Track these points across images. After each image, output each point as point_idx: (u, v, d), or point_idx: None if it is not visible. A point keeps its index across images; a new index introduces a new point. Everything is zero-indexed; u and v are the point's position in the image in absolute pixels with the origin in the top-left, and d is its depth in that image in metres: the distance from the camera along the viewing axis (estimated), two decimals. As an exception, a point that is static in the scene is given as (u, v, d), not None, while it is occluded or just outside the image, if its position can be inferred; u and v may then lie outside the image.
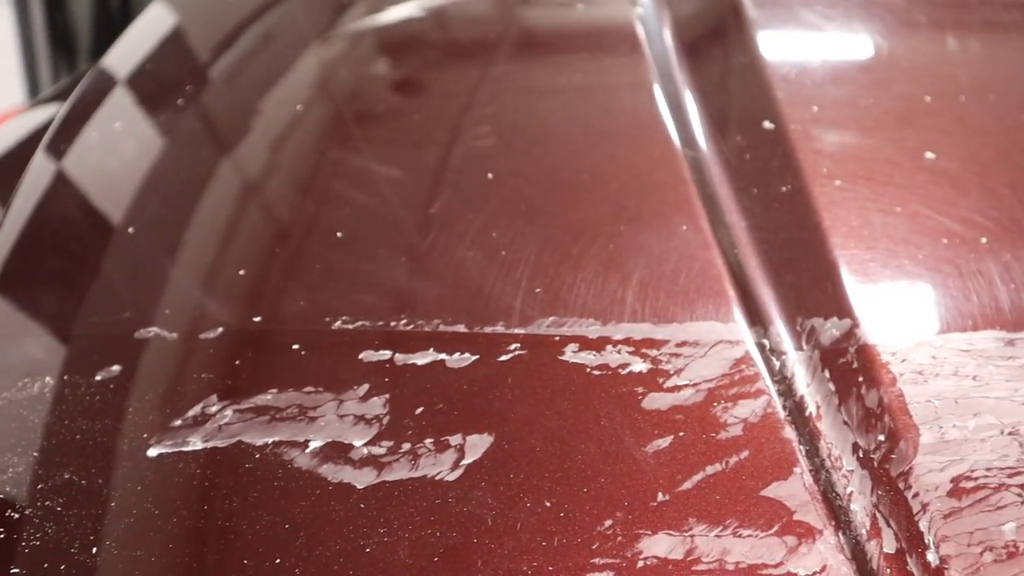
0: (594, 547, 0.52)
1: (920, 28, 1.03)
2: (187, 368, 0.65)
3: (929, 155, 0.79)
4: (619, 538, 0.52)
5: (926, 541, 0.52)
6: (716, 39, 1.03)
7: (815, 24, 1.02)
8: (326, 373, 0.63)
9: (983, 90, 0.89)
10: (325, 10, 1.23)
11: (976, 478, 0.54)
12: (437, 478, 0.56)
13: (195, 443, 0.59)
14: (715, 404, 0.59)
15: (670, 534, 0.52)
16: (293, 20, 1.22)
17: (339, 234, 0.76)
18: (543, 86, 0.97)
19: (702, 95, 0.90)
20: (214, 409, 0.61)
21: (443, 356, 0.63)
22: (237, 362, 0.65)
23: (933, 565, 0.51)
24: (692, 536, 0.52)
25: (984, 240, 0.70)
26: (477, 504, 0.54)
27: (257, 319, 0.68)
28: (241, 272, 0.73)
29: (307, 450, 0.58)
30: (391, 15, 1.17)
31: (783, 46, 0.99)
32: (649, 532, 0.52)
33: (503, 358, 0.63)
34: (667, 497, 0.54)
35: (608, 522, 0.53)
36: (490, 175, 0.80)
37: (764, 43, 0.97)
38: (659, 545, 0.52)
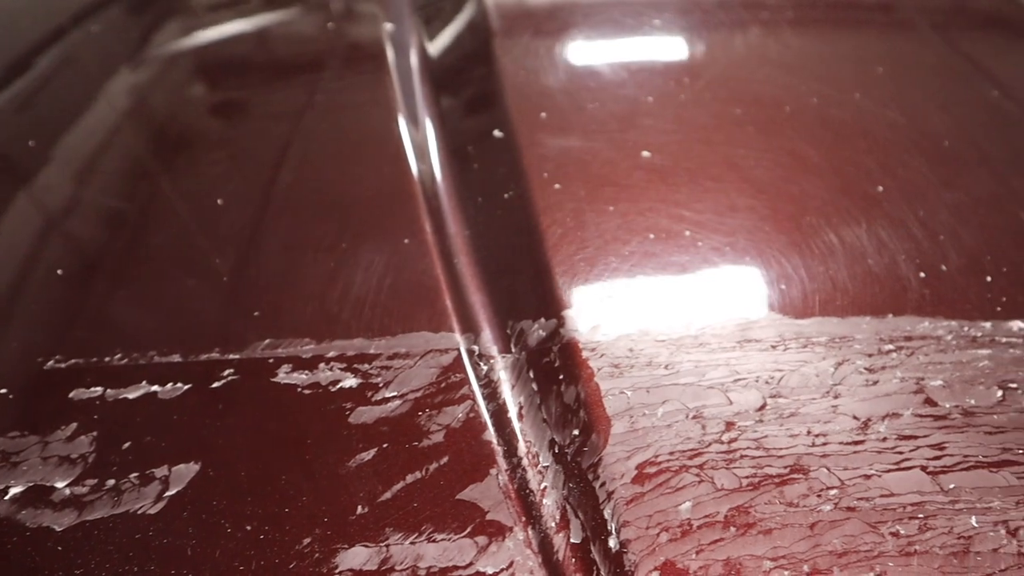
0: (291, 567, 0.52)
1: (651, 32, 1.07)
2: None
3: (645, 154, 0.83)
4: (316, 555, 0.53)
5: (609, 528, 0.54)
6: (461, 52, 1.05)
7: (553, 33, 1.05)
8: (33, 415, 0.62)
9: (702, 88, 0.94)
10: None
11: (659, 463, 0.57)
12: (139, 512, 0.56)
13: None
14: (420, 413, 0.60)
15: (367, 546, 0.53)
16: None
17: (59, 271, 0.74)
18: (283, 107, 0.97)
19: (441, 108, 0.91)
20: (-92, 465, 0.59)
21: (155, 388, 0.63)
22: (-62, 413, 0.63)
23: (614, 550, 0.53)
24: (388, 546, 0.53)
25: (688, 233, 0.74)
26: (178, 535, 0.54)
27: (-36, 366, 0.66)
28: (-48, 318, 0.71)
29: (6, 497, 0.57)
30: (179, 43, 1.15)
31: (520, 56, 1.01)
32: (346, 546, 0.53)
33: (216, 385, 0.63)
34: (366, 509, 0.55)
35: (307, 540, 0.53)
36: (220, 200, 0.80)
37: (503, 54, 0.99)
38: (355, 558, 0.53)
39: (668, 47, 1.03)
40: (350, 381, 0.62)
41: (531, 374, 0.62)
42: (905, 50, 1.04)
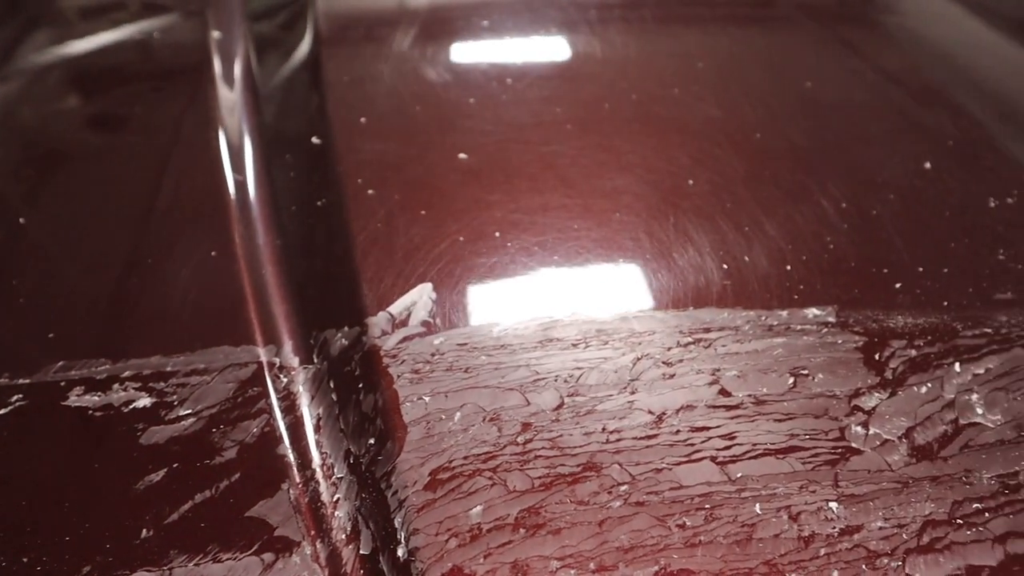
0: (67, 598, 0.50)
1: (479, 34, 1.07)
2: None
3: (463, 156, 0.83)
4: (96, 584, 0.51)
5: (399, 537, 0.53)
6: (287, 60, 1.03)
7: (381, 38, 1.04)
8: None
9: (525, 88, 0.94)
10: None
11: (453, 468, 0.57)
12: (-91, 552, 0.53)
13: None
14: (214, 430, 0.59)
15: (149, 570, 0.52)
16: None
17: None
18: (101, 120, 0.95)
19: (262, 117, 0.90)
20: None
21: (-63, 419, 0.60)
22: None
23: (402, 559, 0.52)
24: (171, 569, 0.52)
25: (497, 234, 0.74)
26: (-55, 575, 0.52)
27: None
28: None
29: None
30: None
31: (346, 62, 1.00)
32: (127, 572, 0.52)
33: (2, 412, 0.60)
34: (151, 533, 0.53)
35: (87, 568, 0.52)
36: (22, 220, 0.77)
37: (328, 60, 0.98)
38: (136, 584, 0.51)
39: (494, 48, 1.04)
40: (144, 401, 0.61)
41: (331, 384, 0.61)
42: (726, 45, 1.06)
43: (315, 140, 0.84)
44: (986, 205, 0.79)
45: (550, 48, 1.03)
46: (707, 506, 0.55)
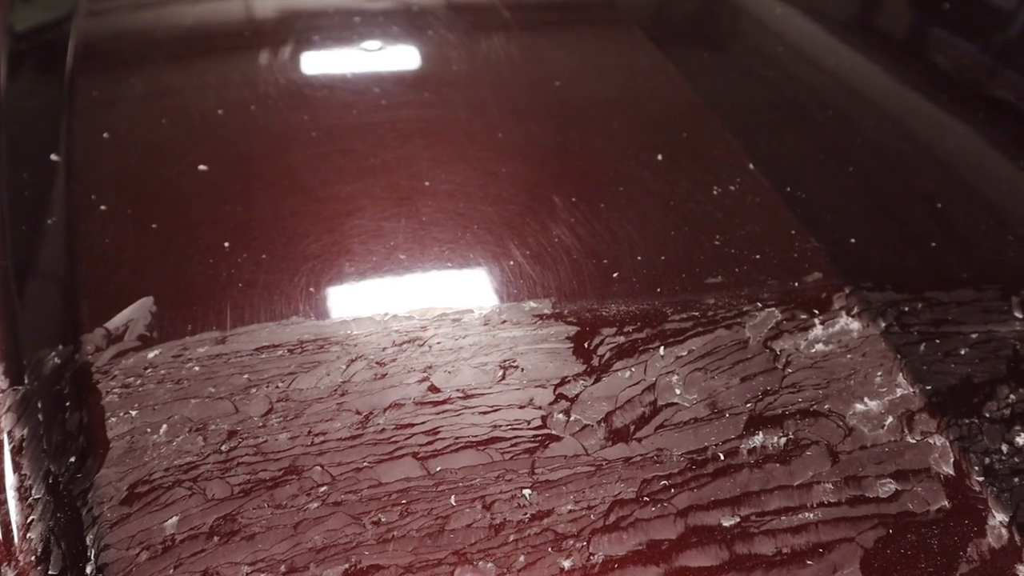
0: None
1: (230, 45, 1.06)
2: None
3: (202, 167, 0.82)
4: None
5: (89, 554, 0.53)
6: (40, 79, 1.01)
7: (138, 53, 1.03)
8: None
9: (276, 97, 0.94)
10: None
11: (153, 481, 0.57)
12: None
13: None
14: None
15: None
16: None
17: None
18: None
19: (2, 135, 0.88)
20: None
21: None
22: None
23: (90, 575, 0.52)
24: None
25: (227, 244, 0.74)
26: None
27: None
28: None
29: None
30: None
31: (97, 79, 0.98)
32: None
33: None
34: None
35: None
36: None
37: (80, 75, 0.96)
38: None
39: (251, 60, 1.03)
40: None
41: (39, 404, 0.61)
42: (483, 49, 1.08)
43: (54, 157, 0.83)
44: (710, 193, 0.82)
45: (307, 58, 1.04)
46: (404, 501, 0.56)
